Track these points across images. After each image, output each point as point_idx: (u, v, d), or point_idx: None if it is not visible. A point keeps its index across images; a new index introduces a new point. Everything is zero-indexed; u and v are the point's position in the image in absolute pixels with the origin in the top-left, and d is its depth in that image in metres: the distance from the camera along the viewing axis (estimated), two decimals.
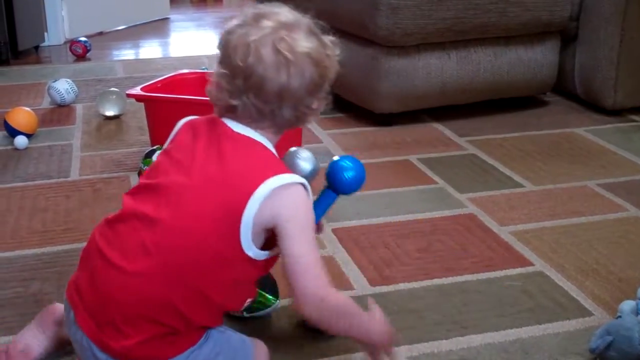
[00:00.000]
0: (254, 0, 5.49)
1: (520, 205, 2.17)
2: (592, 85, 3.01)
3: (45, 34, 4.38)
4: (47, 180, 2.33)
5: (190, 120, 1.28)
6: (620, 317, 1.48)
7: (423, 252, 1.88)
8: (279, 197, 1.16)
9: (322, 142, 2.68)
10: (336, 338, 1.51)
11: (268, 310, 1.55)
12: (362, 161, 1.47)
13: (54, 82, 3.10)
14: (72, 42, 4.14)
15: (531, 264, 1.83)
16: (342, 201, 2.16)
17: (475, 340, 1.52)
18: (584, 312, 1.62)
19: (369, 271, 1.79)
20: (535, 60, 2.98)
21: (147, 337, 1.15)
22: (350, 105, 3.00)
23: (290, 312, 1.60)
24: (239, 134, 1.21)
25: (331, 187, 1.47)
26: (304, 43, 1.19)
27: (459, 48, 2.85)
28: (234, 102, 1.19)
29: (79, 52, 4.07)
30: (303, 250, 1.18)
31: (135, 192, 1.23)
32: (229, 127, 1.22)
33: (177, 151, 1.22)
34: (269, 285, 1.56)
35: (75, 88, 3.11)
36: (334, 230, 1.99)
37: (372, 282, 1.74)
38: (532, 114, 3.04)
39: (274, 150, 1.24)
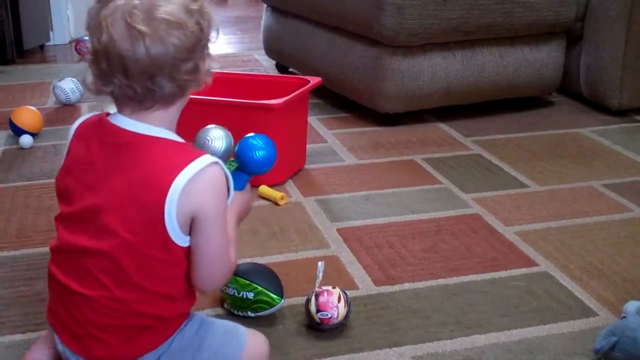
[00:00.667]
0: (259, 1, 5.49)
1: (525, 205, 2.17)
2: (598, 86, 3.00)
3: (51, 33, 4.38)
4: (52, 179, 2.30)
5: (78, 130, 1.23)
6: (625, 317, 1.48)
7: (428, 252, 1.88)
8: (192, 188, 1.12)
9: (327, 142, 2.68)
10: (340, 337, 1.51)
11: (273, 310, 1.55)
12: (367, 161, 1.47)
13: (59, 81, 3.10)
14: (78, 42, 4.14)
15: (536, 264, 1.83)
16: (346, 201, 2.17)
17: (480, 340, 1.52)
18: (589, 313, 1.62)
19: (373, 271, 1.79)
20: (540, 60, 2.98)
21: (128, 338, 1.18)
22: (355, 105, 3.00)
23: (294, 311, 1.60)
24: (131, 133, 1.15)
25: (241, 167, 1.42)
26: (161, 8, 1.09)
27: (464, 48, 2.85)
28: (107, 88, 1.13)
29: (84, 51, 4.07)
30: (217, 237, 1.18)
31: (65, 221, 1.21)
32: (117, 127, 1.16)
33: (79, 170, 1.19)
34: (274, 285, 1.56)
35: (81, 87, 3.11)
36: (339, 230, 1.99)
37: (377, 282, 1.74)
38: (537, 115, 3.04)
39: (172, 135, 1.18)
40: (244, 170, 1.42)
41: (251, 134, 1.44)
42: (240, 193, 1.36)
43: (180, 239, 1.15)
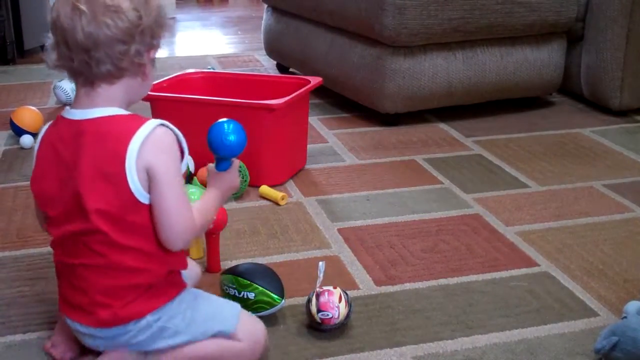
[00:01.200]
0: (260, 1, 5.49)
1: (525, 205, 2.17)
2: (598, 86, 3.00)
3: None
4: None
5: (42, 139, 1.35)
6: (625, 317, 1.48)
7: (428, 252, 1.88)
8: (144, 149, 1.25)
9: (327, 142, 2.68)
10: (341, 337, 1.51)
11: (273, 310, 1.55)
12: (368, 161, 1.47)
13: (59, 81, 3.10)
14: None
15: (537, 265, 1.83)
16: (347, 201, 2.17)
17: (481, 340, 1.52)
18: (590, 313, 1.62)
19: (374, 271, 1.79)
20: (541, 60, 2.98)
21: (128, 301, 1.30)
22: (356, 105, 3.00)
23: (295, 312, 1.60)
24: (83, 121, 1.29)
25: (214, 152, 1.46)
26: None
27: (465, 48, 2.85)
28: (58, 61, 1.31)
29: None
30: (170, 193, 1.28)
31: (55, 221, 1.34)
32: (71, 121, 1.30)
33: (53, 172, 1.32)
34: (275, 285, 1.56)
35: None
36: (340, 230, 1.99)
37: (378, 282, 1.74)
38: (538, 115, 3.04)
39: (119, 110, 1.30)
40: (216, 154, 1.46)
41: (222, 120, 1.46)
42: (225, 172, 1.45)
43: (146, 199, 1.27)
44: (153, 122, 1.27)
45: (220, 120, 1.45)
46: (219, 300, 1.44)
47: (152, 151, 1.26)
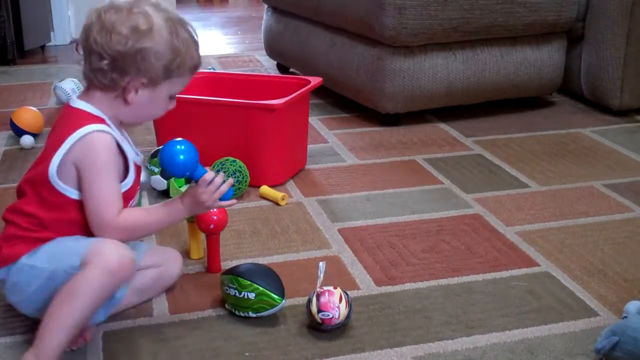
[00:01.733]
0: (259, 1, 5.48)
1: (526, 205, 2.17)
2: (598, 86, 3.00)
3: (52, 33, 4.39)
4: None
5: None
6: (626, 317, 1.48)
7: (429, 252, 1.88)
8: (76, 145, 1.41)
9: (328, 142, 2.68)
10: (341, 338, 1.51)
11: (274, 310, 1.55)
12: (368, 161, 1.48)
13: (60, 81, 3.10)
14: (79, 42, 4.14)
15: (537, 265, 1.83)
16: (347, 201, 2.17)
17: (481, 340, 1.52)
18: (590, 313, 1.62)
19: (374, 271, 1.79)
20: (541, 60, 2.98)
21: (8, 235, 1.48)
22: (356, 105, 3.00)
23: (295, 312, 1.60)
24: (72, 107, 1.48)
25: (165, 170, 1.56)
26: (109, 14, 1.44)
27: (465, 48, 2.85)
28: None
29: None
30: (94, 189, 1.43)
31: None
32: (68, 105, 1.50)
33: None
34: (275, 285, 1.56)
35: (82, 88, 3.11)
36: (340, 230, 1.99)
37: (378, 282, 1.74)
38: (538, 115, 3.04)
39: (95, 110, 1.46)
40: (168, 173, 1.57)
41: (174, 140, 1.51)
42: (191, 186, 1.54)
43: (59, 186, 1.43)
44: (95, 127, 1.42)
45: (169, 141, 1.51)
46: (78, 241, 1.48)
47: (82, 150, 1.41)
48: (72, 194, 1.44)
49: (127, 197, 1.49)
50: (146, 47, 1.42)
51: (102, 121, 1.45)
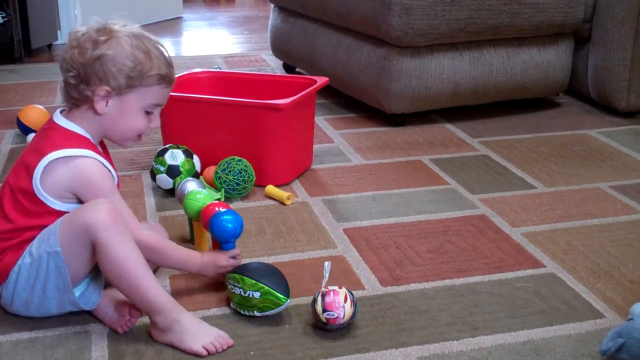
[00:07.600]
0: (266, 1, 5.48)
1: (532, 206, 2.16)
2: (605, 87, 3.00)
3: (59, 32, 4.40)
4: None
5: None
6: (631, 319, 1.47)
7: (434, 252, 1.88)
8: (51, 165, 1.48)
9: (334, 142, 2.68)
10: (346, 337, 1.51)
11: (279, 309, 1.55)
12: (374, 161, 1.48)
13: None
14: None
15: (543, 266, 1.82)
16: (353, 201, 2.17)
17: (486, 341, 1.52)
18: (596, 314, 1.62)
19: (380, 271, 1.79)
20: (548, 61, 2.98)
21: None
22: (362, 106, 3.00)
23: (300, 311, 1.60)
24: (53, 122, 1.55)
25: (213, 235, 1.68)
26: (79, 31, 1.55)
27: (471, 49, 2.84)
28: None
29: None
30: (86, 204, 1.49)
31: None
32: (51, 120, 1.57)
33: None
34: (280, 285, 1.56)
35: None
36: (345, 230, 1.99)
37: (383, 283, 1.74)
38: (544, 116, 3.03)
39: (76, 128, 1.53)
40: (215, 237, 1.67)
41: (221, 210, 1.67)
42: (220, 251, 1.67)
43: (43, 197, 1.48)
44: (78, 152, 1.49)
45: (218, 211, 1.66)
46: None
47: (76, 181, 1.49)
48: (54, 204, 1.50)
49: None
50: (103, 54, 1.50)
51: (84, 141, 1.52)
